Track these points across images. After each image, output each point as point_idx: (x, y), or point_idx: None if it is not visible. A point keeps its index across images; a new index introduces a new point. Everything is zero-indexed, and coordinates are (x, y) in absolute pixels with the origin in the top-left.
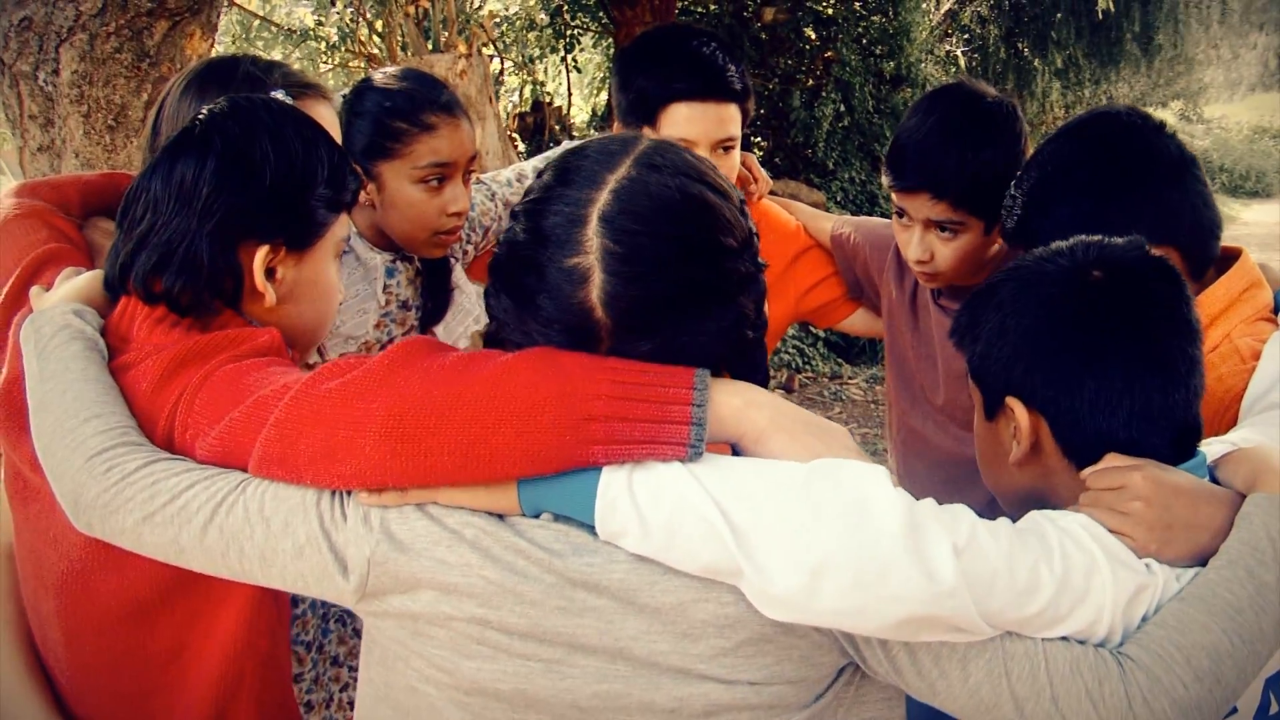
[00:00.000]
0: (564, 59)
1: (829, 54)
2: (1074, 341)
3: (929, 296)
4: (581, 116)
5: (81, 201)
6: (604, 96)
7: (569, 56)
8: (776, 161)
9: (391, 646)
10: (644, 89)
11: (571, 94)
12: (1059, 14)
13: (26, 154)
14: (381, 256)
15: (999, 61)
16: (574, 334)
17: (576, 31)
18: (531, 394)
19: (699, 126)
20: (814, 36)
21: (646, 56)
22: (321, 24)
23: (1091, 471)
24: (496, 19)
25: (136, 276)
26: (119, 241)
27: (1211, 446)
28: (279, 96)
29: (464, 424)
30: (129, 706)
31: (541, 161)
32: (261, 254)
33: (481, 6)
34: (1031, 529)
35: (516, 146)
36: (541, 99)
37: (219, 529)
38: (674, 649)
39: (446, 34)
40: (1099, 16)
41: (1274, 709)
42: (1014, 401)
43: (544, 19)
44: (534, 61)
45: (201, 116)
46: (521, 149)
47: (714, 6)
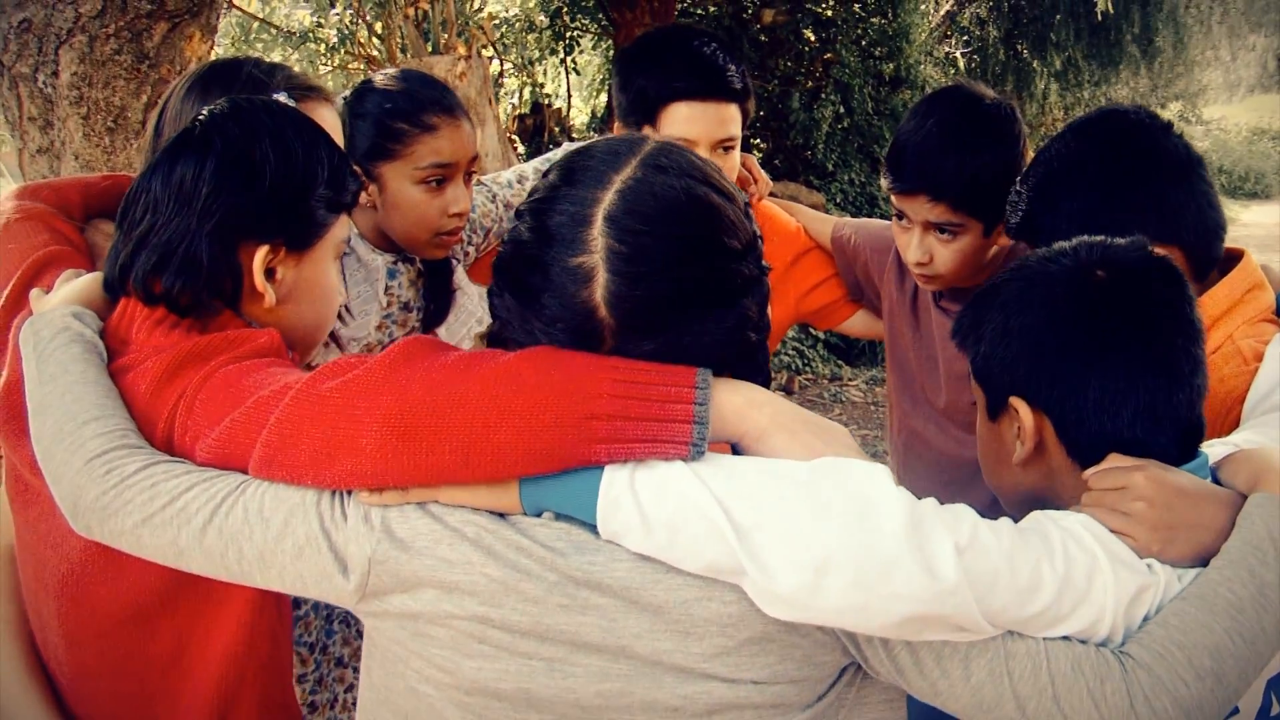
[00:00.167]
0: (563, 61)
1: (828, 56)
2: (1077, 341)
3: (930, 298)
4: (581, 118)
5: (83, 204)
6: (604, 98)
7: (568, 58)
8: (776, 163)
9: (391, 648)
10: (644, 88)
11: (571, 96)
12: (1058, 15)
13: (26, 156)
14: (383, 258)
15: (998, 63)
16: (577, 333)
17: (576, 33)
18: (534, 392)
19: (699, 126)
20: (813, 38)
21: (647, 56)
22: (321, 26)
23: (1093, 472)
24: (496, 21)
25: (136, 277)
26: (119, 242)
27: (1214, 448)
28: (281, 99)
29: (465, 422)
30: (130, 709)
31: (543, 163)
32: (261, 254)
33: (481, 8)
34: (1034, 528)
35: (516, 148)
36: (541, 101)
37: (218, 530)
38: (676, 648)
39: (446, 36)
40: (1098, 18)
41: (1275, 710)
42: (1018, 401)
43: (543, 21)
44: (533, 63)
45: (201, 117)
46: (521, 151)
47: (713, 8)
